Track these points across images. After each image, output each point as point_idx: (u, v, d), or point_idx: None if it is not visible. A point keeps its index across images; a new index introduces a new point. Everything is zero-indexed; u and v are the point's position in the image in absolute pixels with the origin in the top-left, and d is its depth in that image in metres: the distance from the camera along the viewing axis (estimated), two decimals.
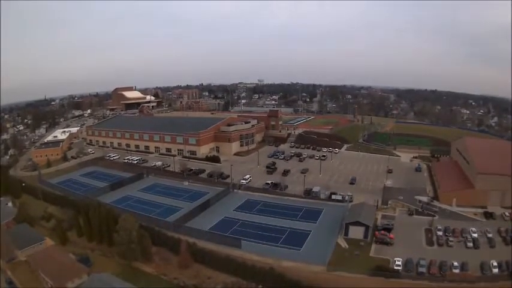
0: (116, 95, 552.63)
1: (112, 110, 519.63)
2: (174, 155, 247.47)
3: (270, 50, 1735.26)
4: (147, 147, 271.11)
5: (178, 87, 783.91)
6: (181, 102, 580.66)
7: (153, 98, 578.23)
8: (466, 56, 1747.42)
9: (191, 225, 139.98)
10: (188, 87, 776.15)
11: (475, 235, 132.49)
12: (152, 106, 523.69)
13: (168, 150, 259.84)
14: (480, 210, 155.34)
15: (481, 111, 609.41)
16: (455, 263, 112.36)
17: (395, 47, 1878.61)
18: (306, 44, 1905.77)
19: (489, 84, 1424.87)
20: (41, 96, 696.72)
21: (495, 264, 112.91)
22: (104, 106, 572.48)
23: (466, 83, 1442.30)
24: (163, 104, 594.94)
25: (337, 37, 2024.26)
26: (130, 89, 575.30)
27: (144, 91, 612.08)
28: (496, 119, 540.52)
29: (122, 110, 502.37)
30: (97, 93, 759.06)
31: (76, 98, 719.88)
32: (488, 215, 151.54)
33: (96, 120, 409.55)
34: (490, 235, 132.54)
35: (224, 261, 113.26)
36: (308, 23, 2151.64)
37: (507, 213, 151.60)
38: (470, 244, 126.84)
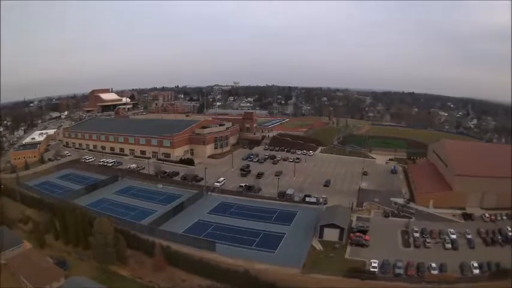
0: (93, 96, 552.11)
1: (88, 112, 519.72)
2: (148, 158, 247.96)
3: (246, 51, 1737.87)
4: (122, 149, 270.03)
5: (154, 89, 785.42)
6: (156, 105, 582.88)
7: (129, 100, 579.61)
8: (446, 57, 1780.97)
9: (165, 228, 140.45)
10: (164, 89, 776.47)
11: (454, 236, 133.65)
12: (128, 108, 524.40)
13: (143, 152, 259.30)
14: (458, 212, 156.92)
15: (460, 113, 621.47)
16: (434, 264, 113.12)
17: (372, 49, 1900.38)
18: (282, 46, 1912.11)
19: (469, 87, 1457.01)
20: (20, 98, 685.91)
21: (476, 265, 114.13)
22: (81, 108, 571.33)
23: (445, 85, 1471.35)
24: (138, 106, 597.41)
25: (313, 39, 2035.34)
26: (106, 90, 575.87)
27: (121, 93, 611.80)
28: (475, 121, 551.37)
29: (98, 112, 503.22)
30: (74, 95, 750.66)
31: (54, 100, 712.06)
32: (467, 217, 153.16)
33: (73, 122, 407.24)
34: (469, 236, 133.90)
35: (198, 264, 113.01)
36: (284, 25, 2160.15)
37: (487, 215, 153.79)
38: (449, 245, 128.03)
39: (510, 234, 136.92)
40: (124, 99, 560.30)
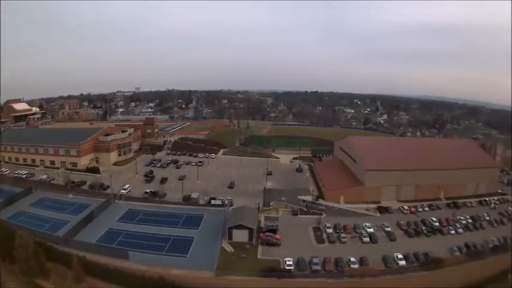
0: (7, 107, 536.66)
1: (2, 123, 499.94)
2: (57, 168, 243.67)
3: (146, 56, 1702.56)
4: (33, 160, 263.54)
5: (61, 97, 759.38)
6: (63, 113, 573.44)
7: (38, 109, 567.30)
8: (353, 55, 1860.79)
9: (79, 238, 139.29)
10: (70, 97, 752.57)
11: (371, 230, 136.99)
12: (37, 118, 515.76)
13: (52, 162, 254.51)
14: (373, 206, 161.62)
15: (368, 109, 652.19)
16: (353, 259, 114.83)
17: (275, 50, 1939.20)
18: (183, 49, 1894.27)
19: (379, 83, 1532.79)
20: None
21: (400, 256, 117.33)
22: None
23: (352, 83, 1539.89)
24: (47, 115, 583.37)
25: (214, 42, 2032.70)
26: (18, 101, 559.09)
27: (31, 103, 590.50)
28: (385, 116, 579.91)
29: (11, 123, 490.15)
30: None
31: None
32: (383, 210, 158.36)
33: None
34: (388, 229, 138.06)
35: (115, 272, 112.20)
36: (183, 29, 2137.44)
37: (406, 207, 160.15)
38: (367, 239, 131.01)
39: (436, 224, 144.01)
40: (34, 109, 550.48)
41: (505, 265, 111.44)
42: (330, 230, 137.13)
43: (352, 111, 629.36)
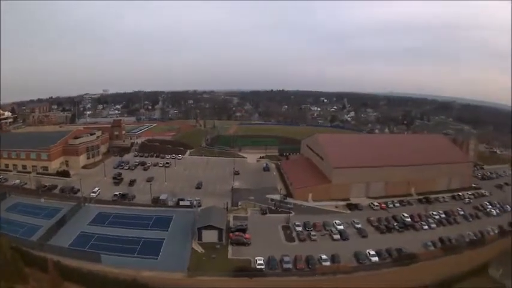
0: None
1: None
2: (29, 172, 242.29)
3: (115, 57, 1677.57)
4: (6, 165, 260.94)
5: (31, 101, 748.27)
6: (33, 117, 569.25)
7: (9, 113, 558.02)
8: (320, 54, 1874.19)
9: (52, 243, 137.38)
10: (40, 100, 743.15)
11: (341, 227, 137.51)
12: (9, 122, 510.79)
13: (24, 167, 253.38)
14: (342, 203, 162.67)
15: (335, 107, 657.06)
16: (324, 256, 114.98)
17: (240, 49, 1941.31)
18: (149, 50, 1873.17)
19: (346, 81, 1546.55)
20: None
21: (373, 252, 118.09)
22: None
23: (320, 82, 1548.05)
24: (18, 119, 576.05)
25: (179, 43, 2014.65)
26: None
27: (2, 107, 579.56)
28: (352, 113, 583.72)
29: None
30: None
31: None
32: (353, 207, 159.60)
33: None
34: (358, 225, 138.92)
35: (89, 276, 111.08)
36: (149, 29, 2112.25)
37: (376, 203, 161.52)
38: (337, 236, 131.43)
39: (408, 219, 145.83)
40: (6, 114, 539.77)
41: (483, 259, 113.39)
42: (300, 228, 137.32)
43: (319, 109, 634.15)
